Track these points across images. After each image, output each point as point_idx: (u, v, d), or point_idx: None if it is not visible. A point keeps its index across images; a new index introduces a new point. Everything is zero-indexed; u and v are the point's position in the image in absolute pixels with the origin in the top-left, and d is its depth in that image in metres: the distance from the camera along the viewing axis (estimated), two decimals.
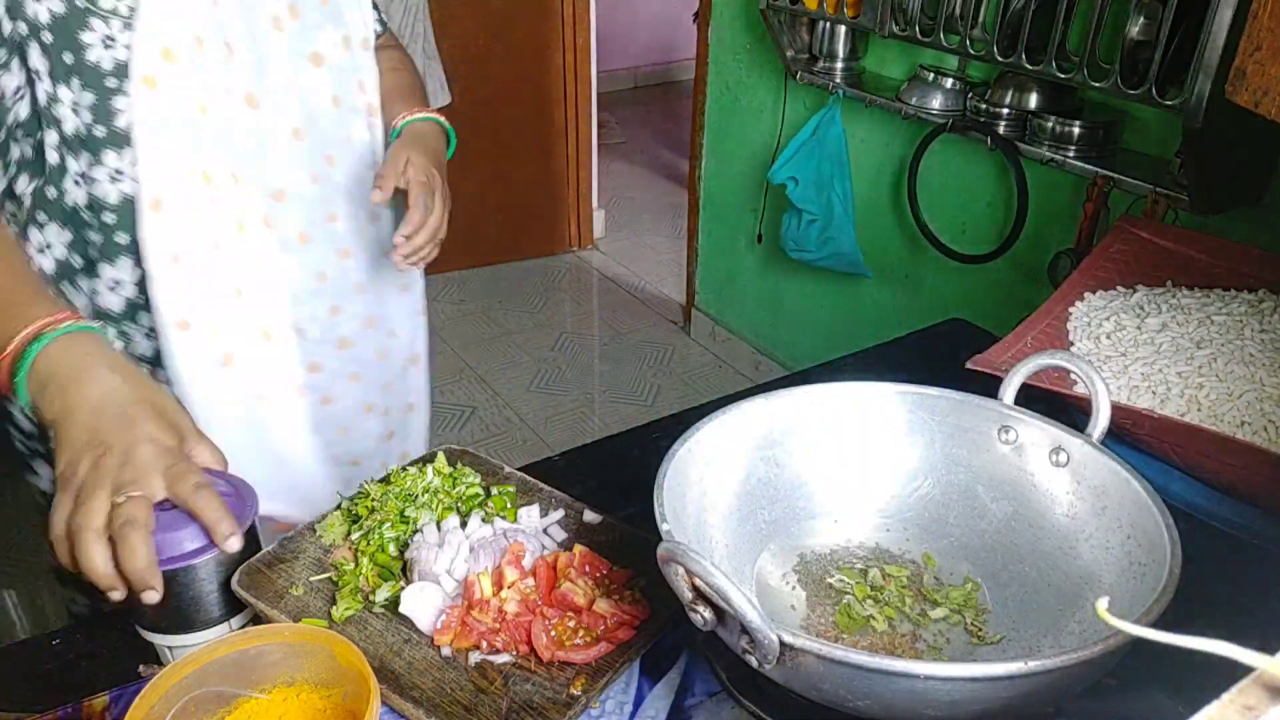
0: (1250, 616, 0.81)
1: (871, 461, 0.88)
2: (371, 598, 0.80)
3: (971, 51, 1.89)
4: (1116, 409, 0.83)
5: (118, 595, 0.72)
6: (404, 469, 0.91)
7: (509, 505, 0.89)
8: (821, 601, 0.80)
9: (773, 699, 0.73)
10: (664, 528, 0.69)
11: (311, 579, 0.82)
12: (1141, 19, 1.58)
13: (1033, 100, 1.95)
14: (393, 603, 0.79)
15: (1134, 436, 0.95)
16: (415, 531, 0.85)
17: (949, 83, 2.11)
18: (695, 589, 0.63)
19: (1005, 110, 1.98)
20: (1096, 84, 1.65)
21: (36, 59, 0.93)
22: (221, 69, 0.99)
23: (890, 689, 0.59)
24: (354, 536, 0.85)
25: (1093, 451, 0.79)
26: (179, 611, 0.76)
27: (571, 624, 0.77)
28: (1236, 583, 0.85)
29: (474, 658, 0.75)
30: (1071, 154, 1.85)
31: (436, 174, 1.13)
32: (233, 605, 0.79)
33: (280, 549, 0.85)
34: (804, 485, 0.88)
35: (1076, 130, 1.85)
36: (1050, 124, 1.88)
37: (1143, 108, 1.73)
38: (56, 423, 0.76)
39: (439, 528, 0.85)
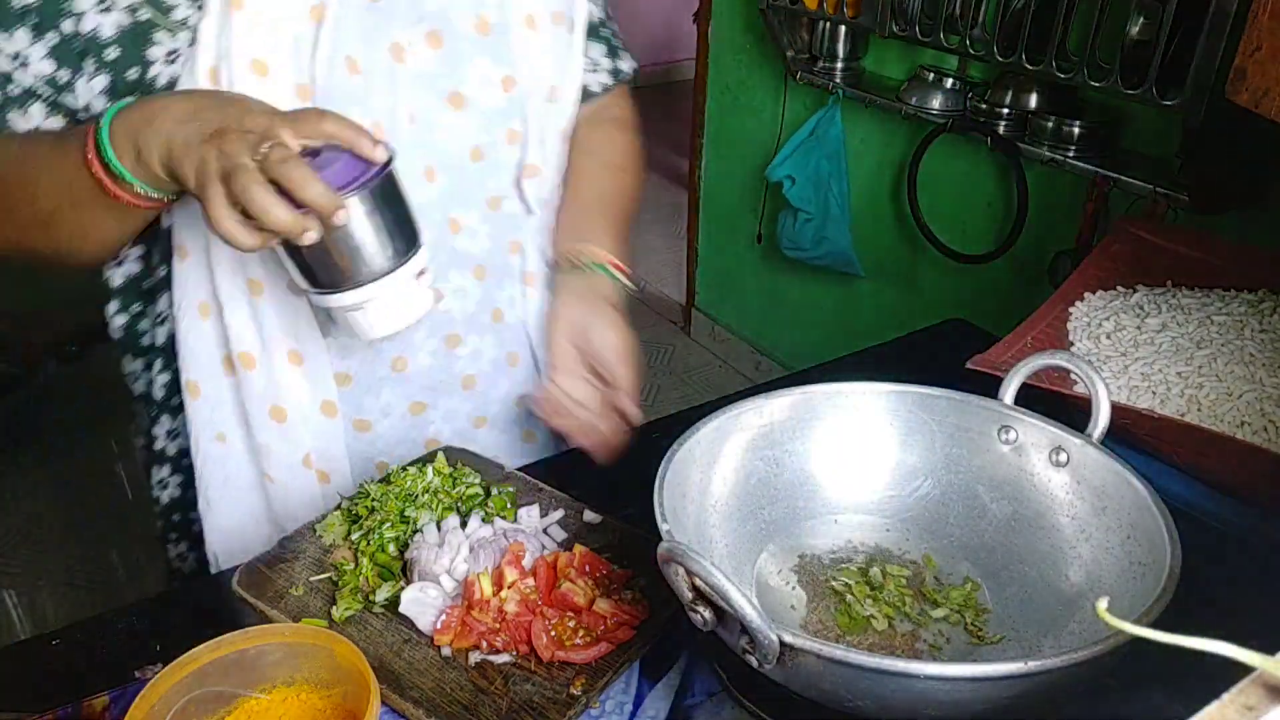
0: (1250, 616, 0.81)
1: (871, 461, 0.88)
2: (371, 598, 0.80)
3: (971, 51, 1.89)
4: (1116, 409, 0.83)
5: (311, 236, 0.71)
6: (404, 469, 0.91)
7: (509, 505, 0.89)
8: (821, 601, 0.80)
9: (773, 699, 0.73)
10: (664, 528, 0.69)
11: (311, 579, 0.82)
12: (1141, 19, 1.58)
13: (1033, 100, 1.95)
14: (393, 603, 0.79)
15: (1134, 436, 0.95)
16: (415, 531, 0.85)
17: (949, 83, 2.11)
18: (695, 589, 0.63)
19: (1005, 110, 1.98)
20: (1096, 84, 1.65)
21: (82, 87, 0.84)
22: (291, 102, 0.84)
23: (890, 689, 0.59)
24: (354, 536, 0.85)
25: (1093, 451, 0.79)
26: (366, 244, 0.76)
27: (571, 624, 0.77)
28: (1236, 583, 0.85)
29: (474, 658, 0.75)
30: (1071, 154, 1.85)
31: (628, 376, 0.98)
32: (410, 238, 0.79)
33: (280, 549, 0.85)
34: (804, 485, 0.88)
35: (1076, 130, 1.85)
36: (1050, 124, 1.88)
37: (1143, 108, 1.73)
38: (165, 154, 0.74)
39: (439, 528, 0.85)
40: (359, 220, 0.75)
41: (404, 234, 0.79)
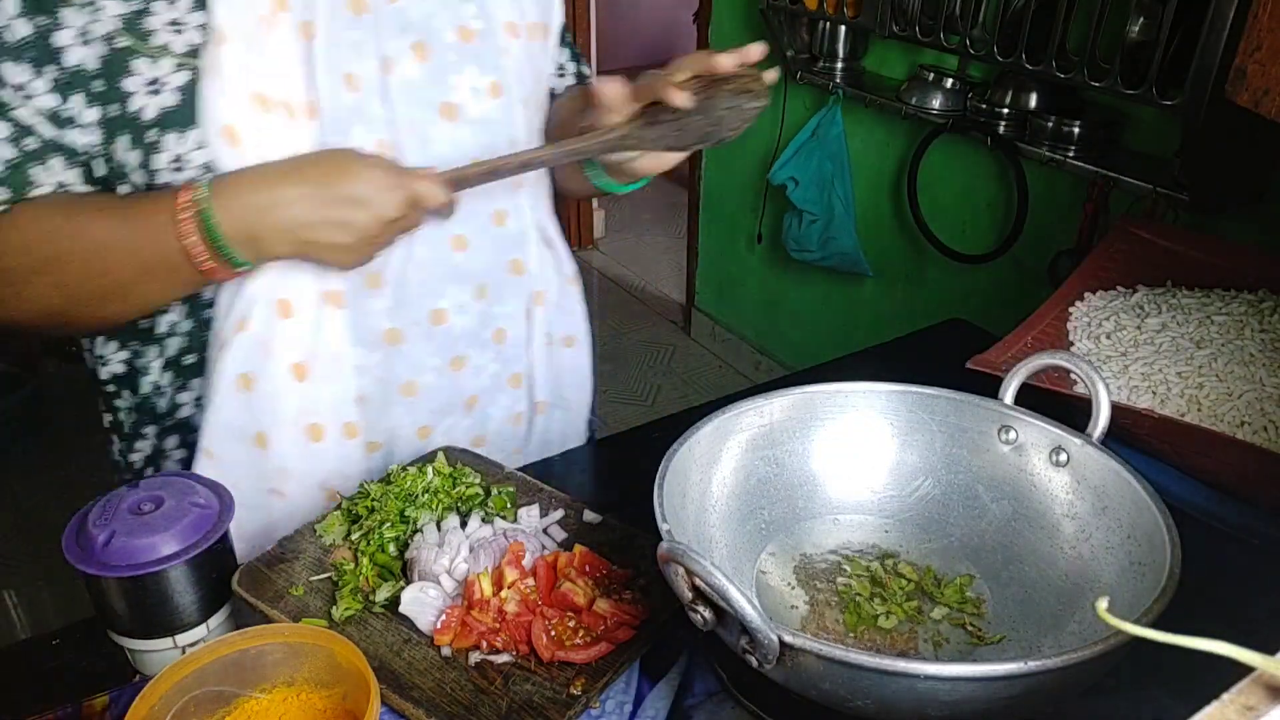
0: (1250, 616, 0.81)
1: (871, 461, 0.88)
2: (371, 598, 0.80)
3: (971, 51, 1.89)
4: (1116, 409, 0.84)
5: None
6: (404, 469, 0.91)
7: (509, 505, 0.89)
8: (822, 601, 0.80)
9: (773, 699, 0.73)
10: (664, 528, 0.69)
11: (311, 579, 0.82)
12: (1141, 19, 1.58)
13: (1033, 100, 1.95)
14: (393, 603, 0.79)
15: (1134, 436, 0.95)
16: (415, 531, 0.85)
17: (949, 83, 2.11)
18: (695, 589, 0.63)
19: (1005, 110, 1.98)
20: (1096, 84, 1.65)
21: (80, 122, 0.82)
22: (290, 128, 0.84)
23: (890, 689, 0.59)
24: (354, 536, 0.85)
25: (1093, 451, 0.79)
26: (151, 615, 0.77)
27: (571, 624, 0.77)
28: (1236, 583, 0.85)
29: (474, 658, 0.75)
30: (1071, 154, 1.85)
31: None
32: (206, 611, 0.79)
33: (280, 549, 0.85)
34: (804, 485, 0.88)
35: (1076, 130, 1.85)
36: (1050, 124, 1.88)
37: (1143, 108, 1.73)
38: (293, 245, 0.82)
39: (439, 528, 0.85)
40: (152, 591, 0.76)
41: (194, 611, 0.79)
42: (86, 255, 0.82)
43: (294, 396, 0.91)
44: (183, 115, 0.82)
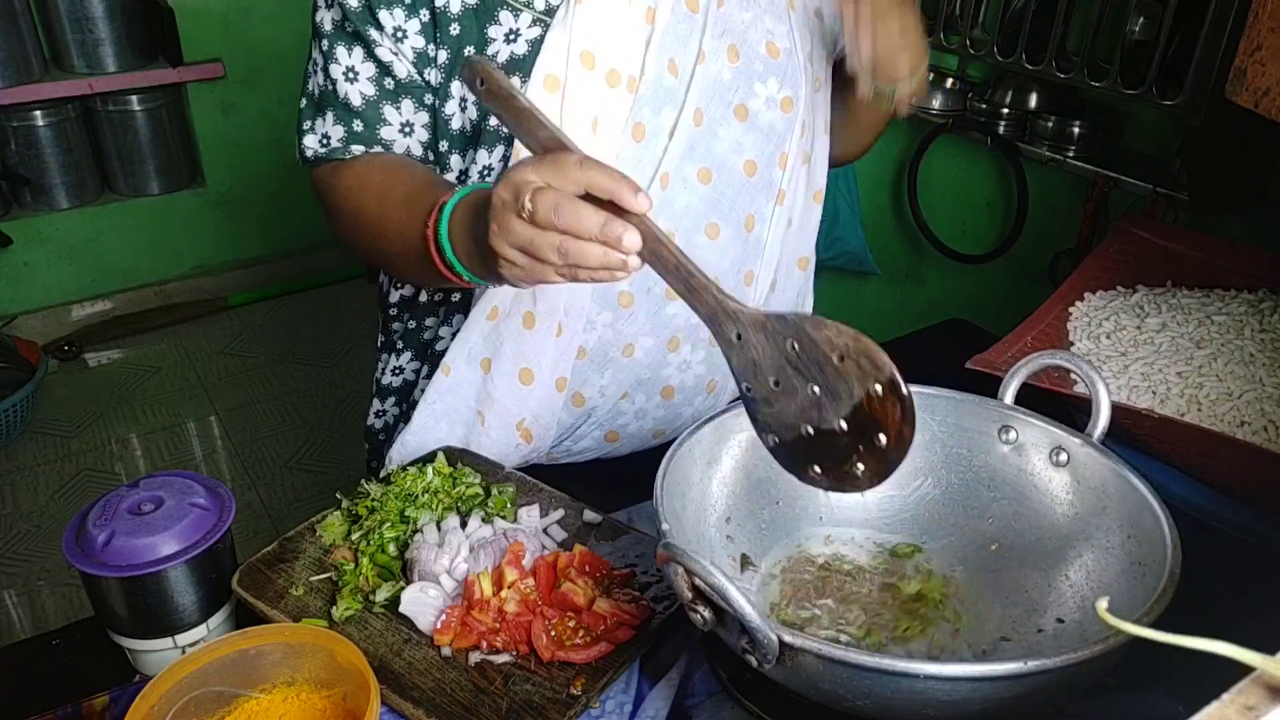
0: (1250, 616, 0.81)
1: None
2: (372, 598, 0.80)
3: (971, 51, 1.89)
4: (1116, 409, 0.83)
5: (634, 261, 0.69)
6: (404, 469, 0.91)
7: (509, 505, 0.89)
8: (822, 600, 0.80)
9: (773, 699, 0.73)
10: (664, 528, 0.69)
11: (311, 579, 0.82)
12: (1141, 19, 1.58)
13: (1033, 100, 1.95)
14: (393, 603, 0.79)
15: (1134, 436, 0.95)
16: (415, 531, 0.85)
17: (949, 83, 2.11)
18: (695, 589, 0.63)
19: (1005, 110, 1.98)
20: (1096, 84, 1.65)
21: (442, 56, 0.91)
22: (607, 92, 0.91)
23: (890, 689, 0.59)
24: (354, 536, 0.85)
25: (1093, 451, 0.79)
26: (151, 615, 0.77)
27: (571, 624, 0.77)
28: (1236, 583, 0.85)
29: (474, 658, 0.75)
30: (1071, 154, 1.85)
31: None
32: (206, 611, 0.80)
33: (280, 549, 0.85)
34: (804, 485, 0.88)
35: (1076, 130, 1.85)
36: (1050, 124, 1.88)
37: (1143, 108, 1.73)
38: (476, 251, 0.78)
39: (439, 528, 0.85)
40: (152, 591, 0.77)
41: (194, 611, 0.80)
42: (377, 216, 0.92)
43: (515, 342, 0.98)
44: (528, 63, 0.90)
